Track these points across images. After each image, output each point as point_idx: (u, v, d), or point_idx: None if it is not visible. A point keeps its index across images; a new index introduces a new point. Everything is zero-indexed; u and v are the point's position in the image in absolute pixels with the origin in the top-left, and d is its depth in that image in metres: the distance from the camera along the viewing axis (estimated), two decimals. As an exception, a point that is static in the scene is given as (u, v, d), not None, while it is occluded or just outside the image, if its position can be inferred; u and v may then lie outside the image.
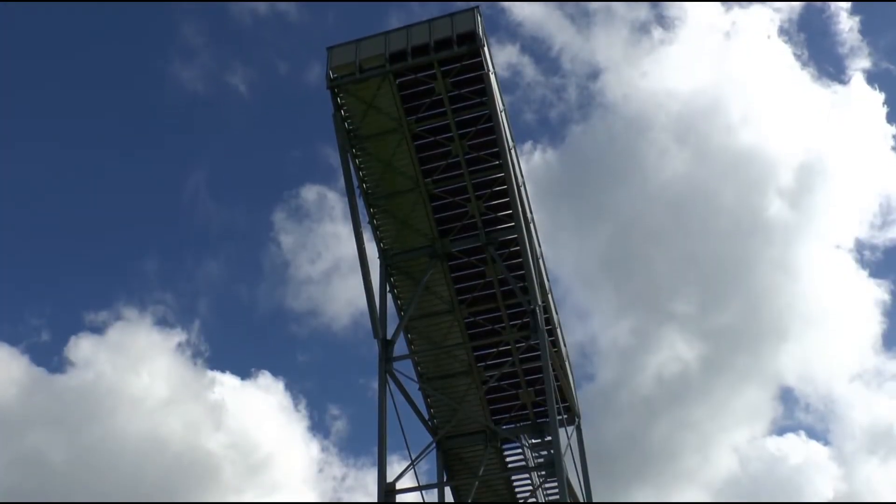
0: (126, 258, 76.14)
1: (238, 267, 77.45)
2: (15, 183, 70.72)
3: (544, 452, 28.22)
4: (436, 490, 27.93)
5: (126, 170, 74.90)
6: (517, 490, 28.93)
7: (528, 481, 28.84)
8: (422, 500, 25.58)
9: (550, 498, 28.68)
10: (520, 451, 28.88)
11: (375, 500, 23.50)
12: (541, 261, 26.71)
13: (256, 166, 78.47)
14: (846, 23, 73.32)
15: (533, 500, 28.42)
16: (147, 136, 74.46)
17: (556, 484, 25.98)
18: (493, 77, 24.49)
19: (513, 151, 25.44)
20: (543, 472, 26.22)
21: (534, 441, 28.99)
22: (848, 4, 71.78)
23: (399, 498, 23.85)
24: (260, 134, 78.25)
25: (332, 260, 73.66)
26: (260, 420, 65.80)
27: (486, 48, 24.21)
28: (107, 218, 74.75)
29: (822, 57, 79.85)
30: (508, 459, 29.11)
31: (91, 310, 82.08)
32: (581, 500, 27.65)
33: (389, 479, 23.82)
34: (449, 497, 28.41)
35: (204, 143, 77.73)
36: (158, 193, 76.25)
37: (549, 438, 27.66)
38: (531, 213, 26.46)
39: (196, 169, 77.83)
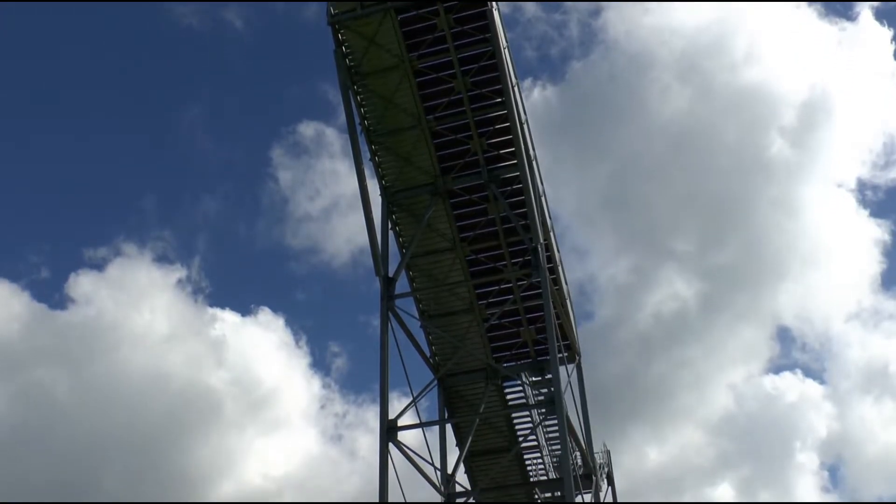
0: (123, 195, 75.96)
1: (236, 204, 77.27)
2: (11, 121, 70.41)
3: (544, 390, 28.37)
4: (437, 427, 28.16)
5: (122, 107, 74.39)
6: (517, 427, 29.12)
7: (529, 419, 29.02)
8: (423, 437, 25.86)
9: (550, 435, 28.89)
10: (520, 388, 29.03)
11: (378, 448, 23.67)
12: (543, 199, 26.61)
13: (253, 103, 78.01)
14: (855, -43, 72.46)
15: (533, 437, 28.61)
16: (141, 73, 73.85)
17: (555, 421, 26.14)
18: (496, 13, 24.18)
19: (516, 89, 25.22)
20: (543, 410, 26.33)
21: (534, 379, 29.11)
22: (858, -61, 70.92)
23: (400, 435, 24.03)
24: (256, 70, 77.64)
25: (332, 197, 73.43)
26: (261, 356, 66.10)
27: (489, -17, 23.89)
28: (102, 155, 74.46)
29: (830, -8, 78.92)
30: (509, 397, 29.27)
31: (90, 246, 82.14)
32: (581, 438, 27.87)
33: (391, 416, 23.98)
34: (450, 434, 28.62)
35: (199, 79, 77.14)
36: (155, 130, 75.82)
37: (549, 376, 27.74)
38: (533, 150, 26.31)
39: (192, 106, 77.34)
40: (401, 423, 24.11)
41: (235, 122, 78.10)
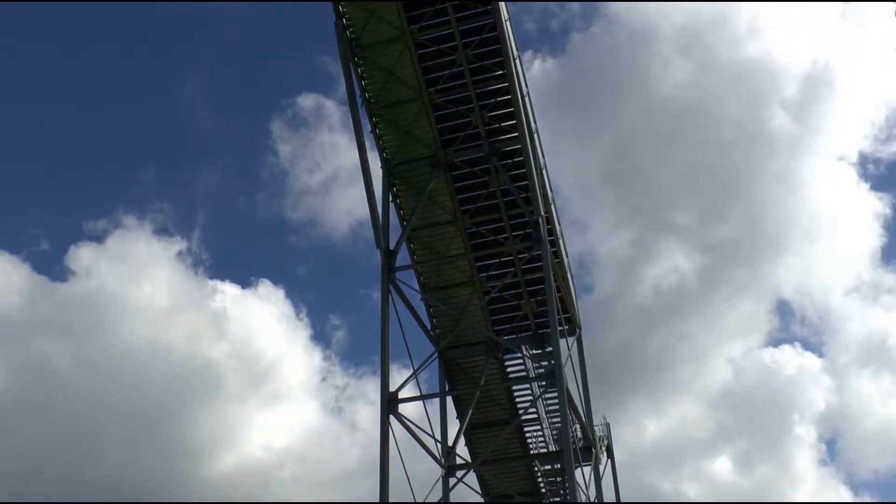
0: (122, 167, 75.90)
1: (236, 176, 77.22)
2: (9, 92, 70.22)
3: (545, 363, 28.42)
4: (437, 399, 28.23)
5: (121, 79, 74.22)
6: (517, 400, 29.18)
7: (529, 391, 29.09)
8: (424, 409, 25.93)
9: (550, 408, 28.97)
10: (521, 361, 29.08)
11: (379, 421, 23.73)
12: (544, 171, 26.57)
13: (251, 75, 77.77)
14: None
15: (533, 409, 28.68)
16: (141, 46, 73.64)
17: (555, 394, 26.20)
18: (497, -16, 24.06)
19: (517, 61, 25.12)
20: (544, 383, 26.39)
21: (534, 352, 29.18)
22: None
23: (401, 407, 24.09)
24: (255, 43, 77.40)
25: (331, 170, 73.43)
26: (262, 329, 66.25)
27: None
28: (101, 127, 74.31)
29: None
30: (509, 370, 29.33)
31: (90, 218, 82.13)
32: (580, 411, 27.94)
33: (391, 388, 24.04)
34: (450, 406, 28.71)
35: (198, 52, 76.93)
36: (154, 103, 75.65)
37: (549, 349, 27.83)
38: (535, 123, 26.24)
39: (191, 78, 77.14)
40: (401, 395, 24.17)
41: (235, 95, 77.94)
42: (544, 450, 29.26)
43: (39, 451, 49.72)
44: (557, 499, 29.65)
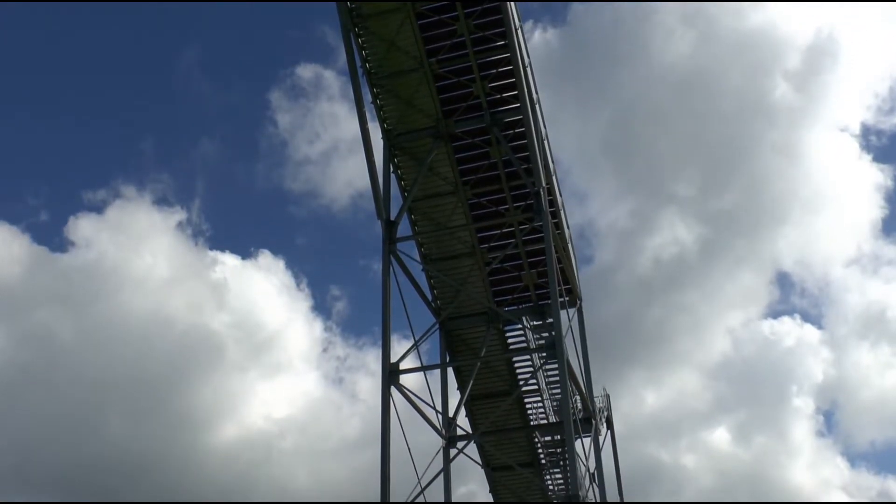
0: (121, 138, 75.68)
1: (235, 146, 77.02)
2: (8, 64, 69.93)
3: (545, 334, 28.45)
4: (438, 371, 28.26)
5: (119, 49, 73.87)
6: (518, 371, 29.24)
7: (529, 363, 29.13)
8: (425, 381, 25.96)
9: (551, 379, 29.02)
10: (521, 332, 29.11)
11: (380, 392, 23.78)
12: (546, 142, 26.47)
13: (249, 45, 77.39)
14: None
15: (533, 381, 28.73)
16: (139, 16, 73.25)
17: (556, 365, 26.24)
18: (499, -47, 23.85)
19: (519, 31, 24.93)
20: (544, 354, 26.41)
21: (535, 323, 29.19)
22: None
23: (402, 378, 24.12)
24: (253, 12, 76.97)
25: (331, 140, 73.23)
26: (262, 300, 66.32)
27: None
28: (99, 98, 74.05)
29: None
30: (510, 341, 29.37)
31: (89, 188, 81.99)
32: (581, 382, 27.97)
33: (392, 359, 24.06)
34: (451, 377, 28.74)
35: (197, 22, 76.51)
36: (152, 73, 75.34)
37: (550, 320, 27.83)
38: (536, 94, 26.10)
39: (189, 47, 76.77)
40: (402, 366, 24.20)
41: (233, 65, 77.63)
42: (544, 421, 29.36)
43: (43, 421, 49.94)
44: (557, 470, 29.77)
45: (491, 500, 30.13)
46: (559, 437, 28.78)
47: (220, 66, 77.51)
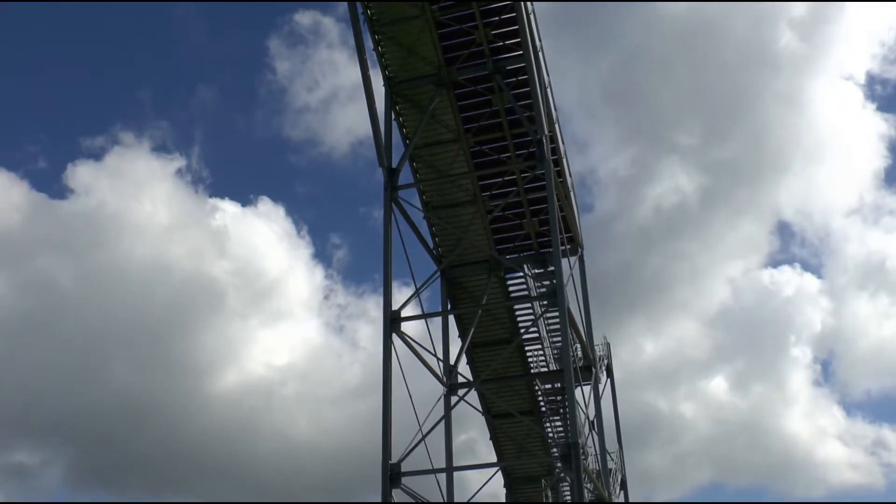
0: (119, 85, 75.25)
1: (233, 94, 76.58)
2: (6, 14, 69.35)
3: (546, 282, 28.48)
4: (439, 318, 28.34)
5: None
6: (519, 319, 29.33)
7: (530, 311, 29.21)
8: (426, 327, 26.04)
9: (552, 327, 29.12)
10: (522, 280, 29.15)
11: (382, 339, 23.85)
12: (548, 90, 26.32)
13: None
14: None
15: (534, 329, 28.82)
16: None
17: (557, 313, 26.30)
18: None
19: (522, -23, 24.69)
20: (545, 302, 26.48)
21: (536, 271, 29.25)
22: None
23: (403, 326, 24.18)
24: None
25: (331, 88, 72.85)
26: (263, 247, 66.34)
27: None
28: (96, 46, 73.50)
29: None
30: (511, 289, 29.42)
31: (87, 135, 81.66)
32: (581, 331, 28.06)
33: (394, 307, 24.11)
34: (452, 325, 28.83)
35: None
36: (149, 21, 74.81)
37: (551, 268, 27.88)
38: (540, 41, 25.89)
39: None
40: (403, 314, 24.25)
41: (230, 12, 77.00)
42: (545, 369, 29.51)
43: (44, 368, 50.21)
44: (557, 417, 29.97)
45: (491, 447, 30.39)
46: (559, 384, 28.92)
47: (218, 14, 76.83)
